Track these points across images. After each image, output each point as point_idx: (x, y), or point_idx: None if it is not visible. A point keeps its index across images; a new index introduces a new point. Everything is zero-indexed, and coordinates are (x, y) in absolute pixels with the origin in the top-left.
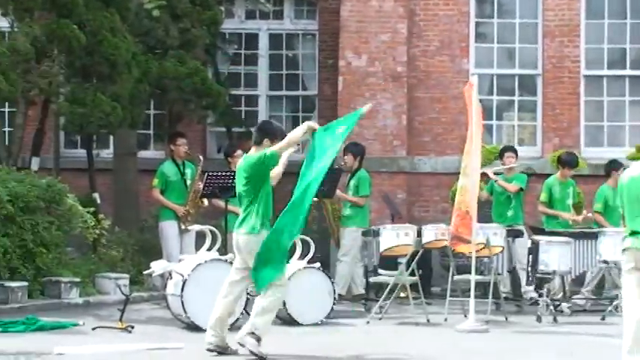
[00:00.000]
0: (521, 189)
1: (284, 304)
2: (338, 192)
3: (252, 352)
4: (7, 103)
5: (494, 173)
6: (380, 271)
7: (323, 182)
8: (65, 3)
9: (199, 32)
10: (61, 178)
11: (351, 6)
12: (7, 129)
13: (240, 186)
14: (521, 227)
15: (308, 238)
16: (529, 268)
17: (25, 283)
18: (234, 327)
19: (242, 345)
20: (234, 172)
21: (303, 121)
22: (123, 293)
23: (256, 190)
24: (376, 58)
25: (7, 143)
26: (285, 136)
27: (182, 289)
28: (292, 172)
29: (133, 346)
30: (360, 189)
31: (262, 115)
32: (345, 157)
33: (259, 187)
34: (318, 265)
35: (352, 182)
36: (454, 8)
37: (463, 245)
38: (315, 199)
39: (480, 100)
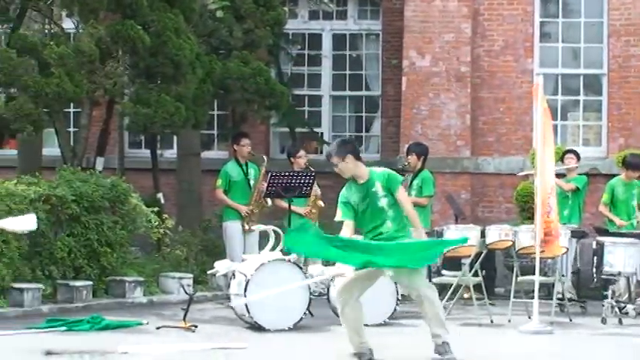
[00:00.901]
0: (578, 189)
1: None
2: None
3: None
4: (72, 104)
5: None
6: (443, 271)
7: None
8: (130, 4)
9: (263, 33)
10: (125, 178)
11: (415, 6)
12: (72, 129)
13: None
14: (576, 227)
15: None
16: (594, 269)
17: (90, 283)
18: (297, 326)
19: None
20: (298, 172)
21: (366, 122)
22: (187, 293)
23: None
24: (440, 58)
25: (72, 143)
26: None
27: (245, 289)
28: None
29: (196, 345)
30: (423, 189)
31: (325, 116)
32: (409, 157)
33: None
34: None
35: (415, 182)
36: (518, 8)
37: (553, 246)
38: None
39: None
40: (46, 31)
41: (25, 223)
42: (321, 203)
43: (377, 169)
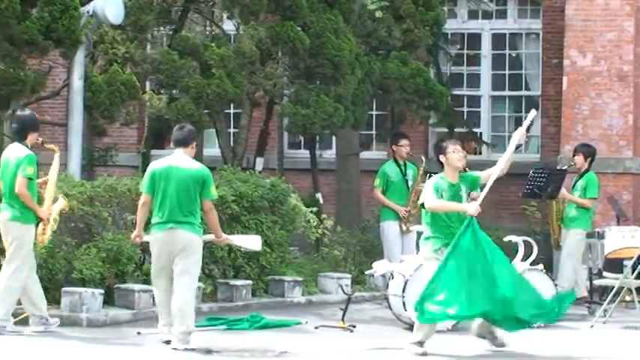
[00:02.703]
0: None
1: None
2: (565, 193)
3: None
4: (232, 105)
5: None
6: (604, 273)
7: (548, 183)
8: (290, 5)
9: (422, 33)
10: (284, 178)
11: (577, 4)
12: (232, 130)
13: None
14: None
15: (531, 240)
16: None
17: (250, 282)
18: (456, 327)
19: None
20: None
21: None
22: (345, 293)
23: None
24: (602, 57)
25: (232, 144)
26: None
27: (403, 290)
28: None
29: (354, 345)
30: (587, 191)
31: (485, 116)
32: (575, 157)
33: None
34: (541, 267)
35: (580, 183)
36: None
37: None
38: (539, 199)
39: None
40: (207, 32)
41: (252, 242)
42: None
43: None
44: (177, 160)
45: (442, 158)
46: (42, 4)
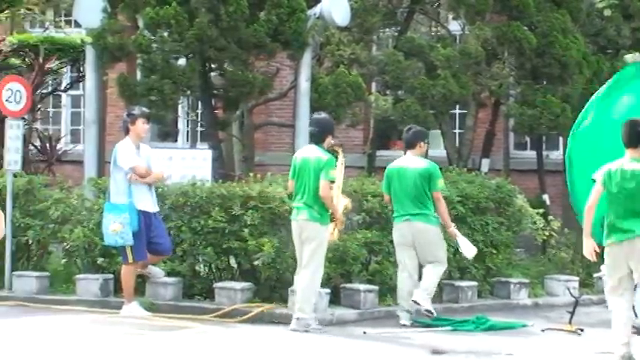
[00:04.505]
0: None
1: None
2: None
3: None
4: (457, 105)
5: None
6: None
7: None
8: (516, 5)
9: None
10: (510, 179)
11: None
12: (457, 130)
13: None
14: None
15: None
16: None
17: (475, 283)
18: None
19: None
20: None
21: None
22: (572, 295)
23: None
24: None
25: (457, 145)
26: None
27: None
28: None
29: (582, 349)
30: None
31: None
32: None
33: None
34: None
35: None
36: None
37: None
38: None
39: None
40: (433, 33)
41: (469, 249)
42: None
43: None
44: (406, 160)
45: None
46: (270, 8)
